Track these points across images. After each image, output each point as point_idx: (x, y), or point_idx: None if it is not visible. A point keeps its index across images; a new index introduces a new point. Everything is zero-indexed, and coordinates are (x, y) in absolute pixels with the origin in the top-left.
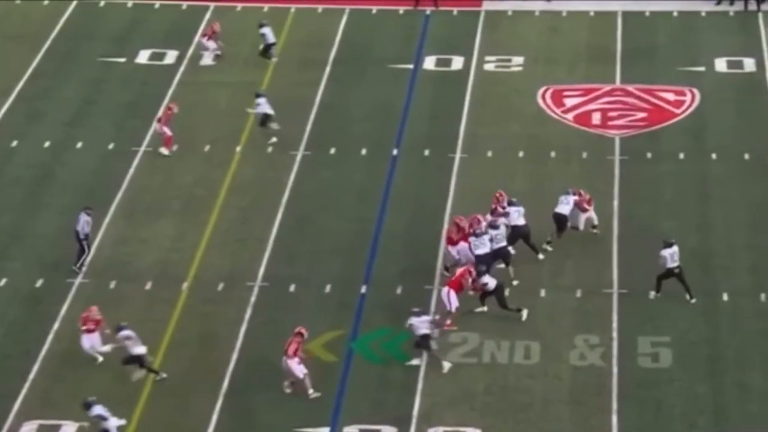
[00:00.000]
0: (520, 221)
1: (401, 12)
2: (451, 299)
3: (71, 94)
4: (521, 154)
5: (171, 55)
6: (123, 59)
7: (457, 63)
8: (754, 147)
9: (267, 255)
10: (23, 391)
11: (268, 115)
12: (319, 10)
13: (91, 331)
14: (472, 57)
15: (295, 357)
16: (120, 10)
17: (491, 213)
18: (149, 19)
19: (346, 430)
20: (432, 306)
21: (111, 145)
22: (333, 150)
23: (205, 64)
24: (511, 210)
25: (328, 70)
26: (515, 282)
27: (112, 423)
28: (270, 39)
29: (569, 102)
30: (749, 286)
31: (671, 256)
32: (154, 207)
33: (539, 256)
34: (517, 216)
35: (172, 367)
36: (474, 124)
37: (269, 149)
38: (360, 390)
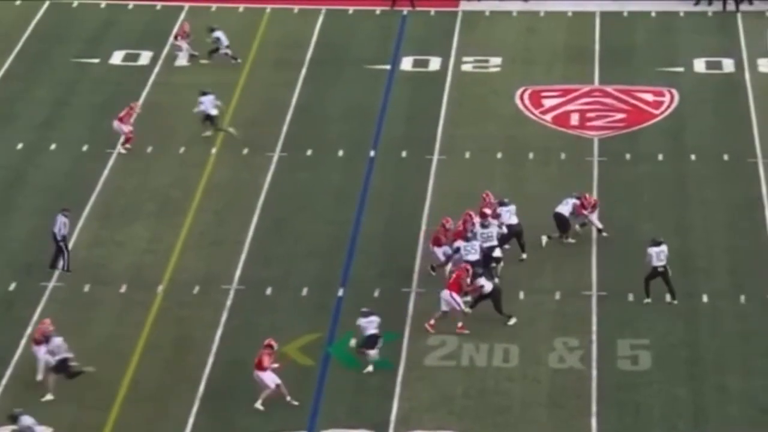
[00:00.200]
0: (512, 220)
1: (378, 12)
2: (458, 300)
3: (44, 95)
4: (499, 155)
5: (145, 56)
6: (96, 60)
7: (434, 64)
8: (733, 148)
9: (243, 257)
10: None
11: (210, 116)
12: (295, 11)
13: (39, 343)
14: (449, 58)
15: (267, 370)
16: (93, 11)
17: (480, 216)
18: (123, 19)
19: None
20: (410, 308)
21: (85, 147)
22: (309, 151)
23: (180, 64)
24: (503, 210)
25: (305, 70)
26: (496, 279)
27: None
28: (224, 42)
29: (547, 103)
30: (729, 288)
31: (657, 254)
32: (129, 209)
33: (523, 255)
34: (509, 216)
35: (147, 371)
36: (452, 125)
37: (245, 151)
38: (337, 394)
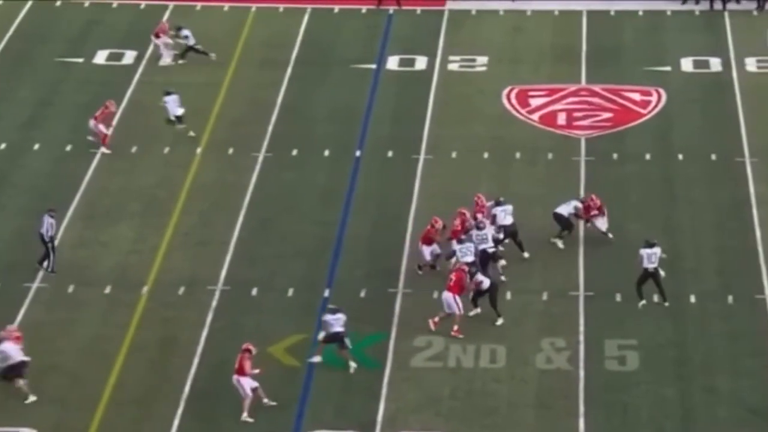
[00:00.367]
0: (507, 220)
1: (364, 11)
2: (459, 303)
3: (27, 95)
4: (486, 155)
5: (129, 56)
6: (80, 59)
7: (420, 63)
8: (720, 147)
9: (228, 258)
10: None
11: (178, 117)
12: (281, 10)
13: None
14: (435, 57)
15: (248, 375)
16: (77, 10)
17: (474, 219)
18: (107, 19)
19: None
20: (396, 308)
21: (69, 147)
22: (295, 151)
23: (165, 64)
24: (498, 210)
25: (290, 70)
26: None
27: None
28: (191, 41)
29: (534, 102)
30: (716, 289)
31: (648, 256)
32: (114, 209)
33: (524, 254)
34: (504, 216)
35: (132, 373)
36: (438, 124)
37: (230, 151)
38: (323, 395)
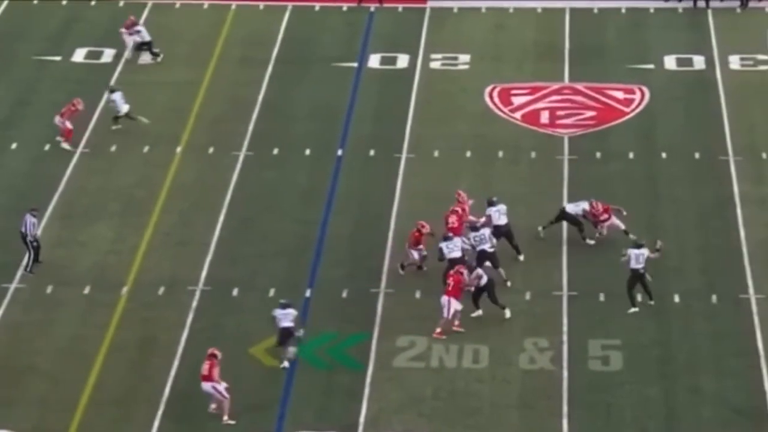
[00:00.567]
0: (501, 221)
1: (345, 9)
2: (451, 306)
3: (4, 93)
4: (468, 153)
5: (108, 54)
6: (58, 58)
7: (402, 61)
8: (704, 146)
9: (209, 258)
10: None
11: (127, 114)
12: (261, 7)
13: None
14: (417, 55)
15: (215, 380)
16: (55, 8)
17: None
18: (85, 17)
19: None
20: (378, 308)
21: (47, 146)
22: (276, 150)
23: (144, 62)
24: (491, 210)
25: (271, 68)
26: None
27: None
28: (146, 37)
29: (517, 101)
30: (700, 288)
31: (636, 257)
32: (92, 209)
33: (520, 257)
34: (498, 216)
35: (111, 374)
36: (420, 123)
37: (210, 150)
38: (305, 396)
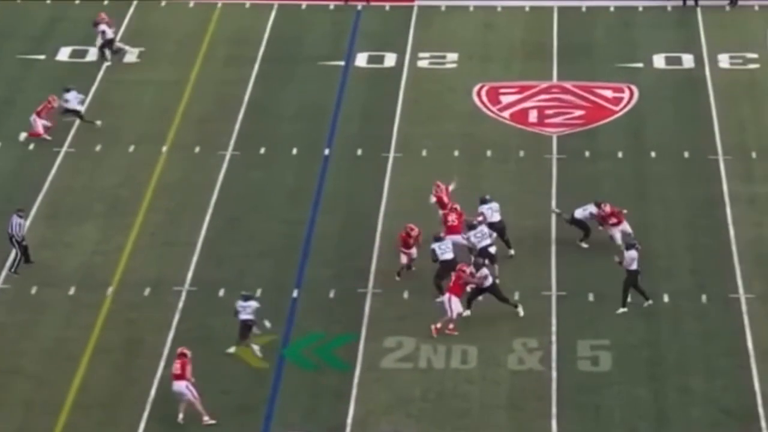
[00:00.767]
0: (495, 218)
1: (332, 7)
2: (453, 305)
3: None
4: (456, 153)
5: (92, 53)
6: (43, 57)
7: (389, 60)
8: (693, 145)
9: (195, 258)
10: None
11: (77, 112)
12: (247, 6)
13: None
14: (405, 54)
15: (188, 378)
16: (39, 6)
17: (439, 205)
18: (70, 15)
19: None
20: (366, 309)
21: (31, 146)
22: (263, 150)
23: (129, 61)
24: (484, 208)
25: (257, 67)
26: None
27: None
28: (109, 35)
29: (505, 99)
30: (690, 288)
31: (634, 258)
32: (77, 209)
33: (510, 251)
34: (491, 213)
35: (97, 375)
36: (408, 122)
37: (197, 149)
38: (292, 397)
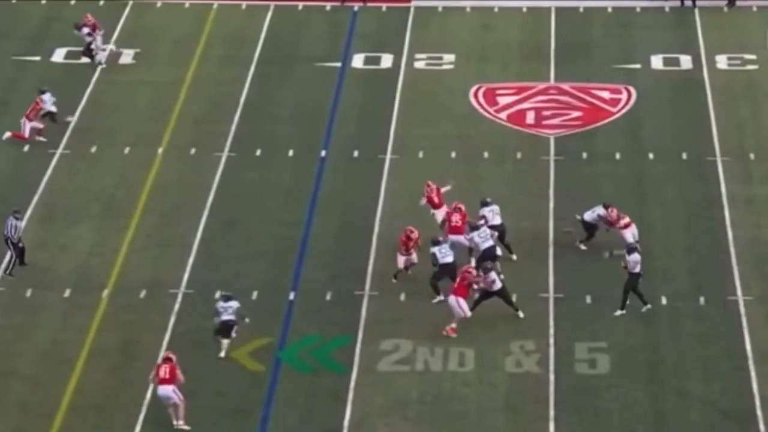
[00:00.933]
0: (495, 220)
1: (328, 8)
2: (463, 306)
3: None
4: (453, 154)
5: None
6: (38, 58)
7: (386, 61)
8: (691, 146)
9: (191, 260)
10: None
11: (52, 114)
12: (243, 7)
13: None
14: (402, 55)
15: (178, 382)
16: (34, 7)
17: (426, 200)
18: (65, 16)
19: None
20: (363, 311)
21: (26, 147)
22: (259, 151)
23: (125, 62)
24: (485, 210)
25: (253, 68)
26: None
27: None
28: (86, 39)
29: (502, 101)
30: (688, 290)
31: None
32: (73, 211)
33: (513, 256)
34: (492, 215)
35: (92, 378)
36: (404, 124)
37: (192, 150)
38: (288, 400)
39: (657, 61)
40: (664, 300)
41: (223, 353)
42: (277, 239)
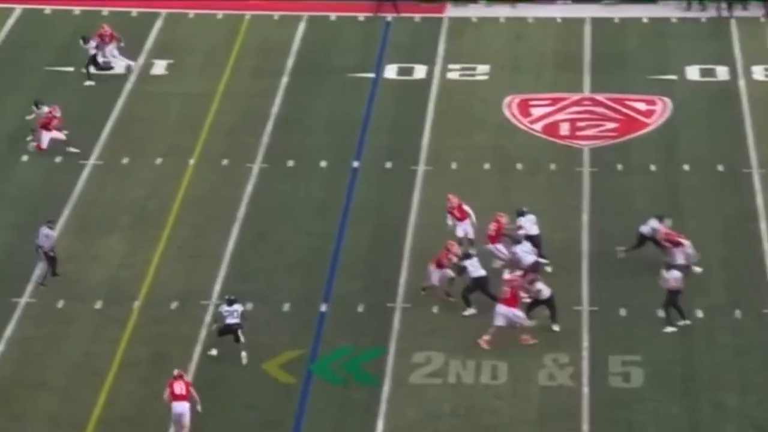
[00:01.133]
0: (533, 230)
1: (361, 18)
2: (519, 314)
3: (16, 104)
4: (487, 165)
5: (120, 65)
6: (71, 69)
7: (419, 71)
8: (727, 158)
9: (222, 272)
10: None
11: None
12: (276, 17)
13: None
14: (435, 65)
15: (189, 400)
16: (67, 18)
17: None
18: (97, 26)
19: None
20: (395, 323)
21: (58, 159)
22: (291, 162)
23: (157, 73)
24: (522, 221)
25: (286, 79)
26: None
27: None
28: (91, 52)
29: (536, 112)
30: (724, 303)
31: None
32: (104, 222)
33: (548, 268)
34: (529, 225)
35: (123, 390)
36: (437, 135)
37: (224, 162)
38: (320, 412)
39: (693, 72)
40: (699, 313)
41: (244, 360)
42: (308, 251)
